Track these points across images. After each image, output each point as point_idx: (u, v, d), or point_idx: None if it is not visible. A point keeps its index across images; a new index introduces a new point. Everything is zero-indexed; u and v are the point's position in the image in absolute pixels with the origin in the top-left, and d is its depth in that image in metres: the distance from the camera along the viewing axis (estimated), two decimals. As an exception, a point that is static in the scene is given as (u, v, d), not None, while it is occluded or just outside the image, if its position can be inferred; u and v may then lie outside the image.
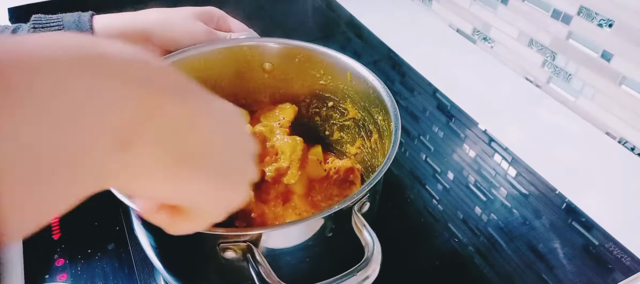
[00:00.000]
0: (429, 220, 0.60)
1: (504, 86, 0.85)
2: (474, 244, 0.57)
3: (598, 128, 0.75)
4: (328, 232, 0.41)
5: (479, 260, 0.55)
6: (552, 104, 0.80)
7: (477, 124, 0.74)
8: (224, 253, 0.38)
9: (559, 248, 0.57)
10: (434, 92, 0.81)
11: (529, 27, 0.82)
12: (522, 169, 0.67)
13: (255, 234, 0.37)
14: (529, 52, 0.83)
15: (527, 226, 0.59)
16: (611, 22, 0.69)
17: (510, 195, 0.63)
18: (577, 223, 0.60)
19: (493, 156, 0.69)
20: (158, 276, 0.53)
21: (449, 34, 0.98)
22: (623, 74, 0.69)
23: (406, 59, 0.88)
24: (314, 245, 0.42)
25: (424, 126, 0.75)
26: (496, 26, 0.88)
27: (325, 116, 0.62)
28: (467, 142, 0.71)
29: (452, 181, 0.65)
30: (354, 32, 0.96)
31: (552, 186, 0.64)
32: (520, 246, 0.57)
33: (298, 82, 0.60)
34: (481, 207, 0.62)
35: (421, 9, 1.06)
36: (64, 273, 0.52)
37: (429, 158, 0.69)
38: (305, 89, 0.60)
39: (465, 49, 0.94)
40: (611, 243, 0.57)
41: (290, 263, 0.42)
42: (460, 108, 0.77)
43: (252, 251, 0.37)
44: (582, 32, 0.74)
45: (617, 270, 0.54)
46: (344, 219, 0.40)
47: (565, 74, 0.78)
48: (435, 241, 0.58)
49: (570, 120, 0.77)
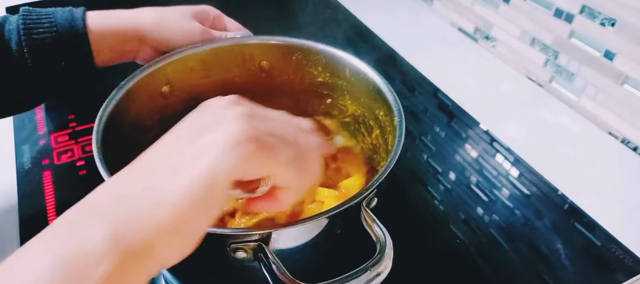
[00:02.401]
0: (430, 221, 0.60)
1: (505, 85, 0.84)
2: (476, 244, 0.57)
3: (600, 128, 0.74)
4: (338, 229, 0.41)
5: (480, 261, 0.55)
6: (554, 104, 0.79)
7: (478, 124, 0.74)
8: (235, 253, 0.38)
9: (561, 249, 0.56)
10: (435, 91, 0.80)
11: (531, 26, 0.81)
12: (523, 169, 0.66)
13: (266, 233, 0.37)
14: (531, 51, 0.83)
15: (529, 226, 0.59)
16: (614, 21, 0.68)
17: (512, 195, 0.63)
18: (579, 223, 0.59)
19: (495, 156, 0.68)
20: (158, 277, 0.52)
21: (451, 32, 0.98)
22: (626, 74, 0.69)
23: (407, 58, 0.87)
24: (324, 242, 0.42)
25: (425, 125, 0.74)
26: (498, 25, 0.88)
27: (324, 113, 0.61)
28: (468, 142, 0.71)
29: (453, 181, 0.65)
30: (354, 31, 0.96)
31: (554, 186, 0.64)
32: (522, 246, 0.56)
33: (296, 80, 0.60)
34: (483, 207, 0.61)
35: (422, 8, 1.05)
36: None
37: (430, 158, 0.68)
38: (303, 86, 0.60)
39: (466, 48, 0.93)
40: (613, 243, 0.57)
41: (300, 261, 0.42)
42: (462, 108, 0.77)
43: (264, 250, 0.37)
44: (584, 31, 0.73)
45: (620, 271, 0.54)
46: (354, 215, 0.40)
47: (568, 73, 0.77)
48: (437, 241, 0.57)
49: (572, 120, 0.76)
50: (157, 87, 0.55)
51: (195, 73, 0.58)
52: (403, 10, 1.04)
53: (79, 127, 0.69)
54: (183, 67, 0.56)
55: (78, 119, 0.70)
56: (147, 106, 0.54)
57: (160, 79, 0.55)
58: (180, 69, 0.56)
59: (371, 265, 0.35)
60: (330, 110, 0.60)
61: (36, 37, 0.50)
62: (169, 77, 0.55)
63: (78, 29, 0.52)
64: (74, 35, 0.51)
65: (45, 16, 0.52)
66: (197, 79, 0.58)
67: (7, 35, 0.50)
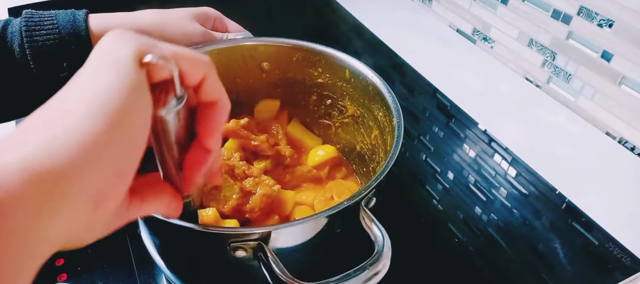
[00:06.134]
0: (429, 220, 0.60)
1: (504, 86, 0.85)
2: (474, 244, 0.57)
3: (598, 128, 0.75)
4: (336, 228, 0.42)
5: (479, 260, 0.55)
6: (552, 104, 0.80)
7: (477, 124, 0.74)
8: (235, 252, 0.38)
9: (559, 248, 0.57)
10: (434, 92, 0.81)
11: (529, 27, 0.82)
12: (522, 169, 0.67)
13: (265, 232, 0.37)
14: (529, 52, 0.83)
15: (527, 226, 0.59)
16: (611, 22, 0.69)
17: (510, 195, 0.63)
18: (577, 222, 0.60)
19: (493, 156, 0.69)
20: (159, 277, 0.53)
21: (449, 34, 0.98)
22: (623, 74, 0.69)
23: (406, 59, 0.88)
24: (323, 241, 0.42)
25: (424, 125, 0.74)
26: (496, 26, 0.88)
27: (324, 113, 0.62)
28: (467, 142, 0.71)
29: (452, 181, 0.65)
30: (354, 32, 0.96)
31: (552, 185, 0.64)
32: (521, 246, 0.57)
33: (296, 81, 0.60)
34: (481, 207, 0.61)
35: (421, 9, 1.06)
36: (63, 273, 0.51)
37: (428, 158, 0.69)
38: (304, 87, 0.60)
39: (465, 49, 0.94)
40: (611, 242, 0.57)
41: (299, 259, 0.42)
42: (460, 108, 0.77)
43: (263, 249, 0.37)
44: (582, 32, 0.73)
45: (617, 270, 0.54)
46: (352, 215, 0.40)
47: (565, 74, 0.78)
48: (435, 241, 0.58)
49: (570, 120, 0.77)
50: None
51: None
52: (402, 12, 1.05)
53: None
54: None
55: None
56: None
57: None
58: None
59: (369, 264, 0.35)
60: (330, 111, 0.61)
61: (38, 40, 0.50)
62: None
63: (80, 32, 0.52)
64: (76, 38, 0.52)
65: (47, 19, 0.52)
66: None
67: (10, 38, 0.51)
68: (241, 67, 0.60)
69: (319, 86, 0.60)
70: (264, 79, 0.61)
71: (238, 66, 0.59)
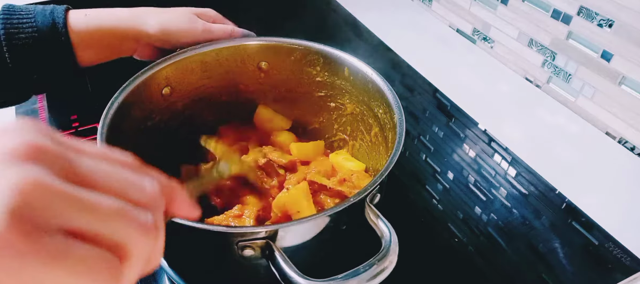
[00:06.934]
0: (429, 220, 0.60)
1: (503, 86, 0.85)
2: (474, 244, 0.57)
3: (598, 128, 0.75)
4: (343, 225, 0.42)
5: (478, 260, 0.55)
6: (552, 104, 0.80)
7: (477, 124, 0.74)
8: (243, 251, 0.38)
9: (559, 248, 0.57)
10: (434, 92, 0.81)
11: (528, 27, 0.82)
12: (521, 169, 0.66)
13: (273, 230, 0.38)
14: (529, 52, 0.83)
15: (527, 225, 0.59)
16: (611, 22, 0.68)
17: (510, 195, 0.63)
18: (576, 222, 0.60)
19: (493, 156, 0.69)
20: (161, 277, 0.53)
21: (449, 34, 0.98)
22: (623, 74, 0.69)
23: (406, 59, 0.88)
24: (330, 238, 0.42)
25: (424, 125, 0.74)
26: (496, 26, 0.88)
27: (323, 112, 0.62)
28: (467, 142, 0.71)
29: (452, 180, 0.65)
30: (353, 32, 0.96)
31: (552, 185, 0.64)
32: (520, 246, 0.57)
33: (294, 80, 0.60)
34: (481, 207, 0.61)
35: (421, 9, 1.06)
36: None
37: (428, 158, 0.69)
38: (302, 86, 0.60)
39: (465, 49, 0.94)
40: (611, 242, 0.57)
41: (307, 257, 0.42)
42: (460, 108, 0.77)
43: (271, 247, 0.37)
44: (582, 32, 0.73)
45: (617, 270, 0.54)
46: (358, 211, 0.40)
47: (565, 74, 0.78)
48: (435, 241, 0.58)
49: (570, 120, 0.77)
50: (158, 88, 0.55)
51: (195, 74, 0.58)
52: (402, 12, 1.05)
53: (82, 128, 0.70)
54: (183, 68, 0.57)
55: (81, 119, 0.71)
56: (148, 108, 0.54)
57: (161, 80, 0.55)
58: (180, 70, 0.56)
59: (377, 260, 0.35)
60: (329, 109, 0.61)
61: (16, 37, 0.50)
62: (169, 78, 0.56)
63: (58, 28, 0.51)
64: (53, 35, 0.51)
65: (25, 15, 0.51)
66: (197, 80, 0.59)
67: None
68: (239, 67, 0.60)
69: (318, 84, 0.60)
70: (262, 78, 0.61)
71: (236, 66, 0.60)
